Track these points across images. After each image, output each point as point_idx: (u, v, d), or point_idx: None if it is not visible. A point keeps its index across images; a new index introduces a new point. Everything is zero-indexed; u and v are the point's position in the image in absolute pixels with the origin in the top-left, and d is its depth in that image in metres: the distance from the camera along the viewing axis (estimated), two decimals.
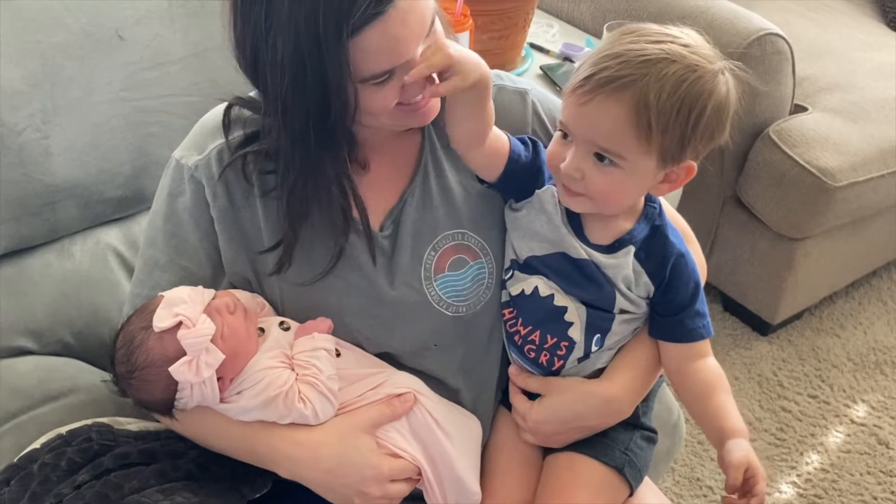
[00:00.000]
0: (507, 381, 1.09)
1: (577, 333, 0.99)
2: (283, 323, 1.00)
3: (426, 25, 0.88)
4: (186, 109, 1.28)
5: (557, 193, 0.96)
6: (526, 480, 1.06)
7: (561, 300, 0.98)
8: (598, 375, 1.03)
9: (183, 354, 0.91)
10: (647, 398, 1.08)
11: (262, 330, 0.99)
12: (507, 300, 1.04)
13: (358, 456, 0.95)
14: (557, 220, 0.97)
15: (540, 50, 1.90)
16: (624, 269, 0.96)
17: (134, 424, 1.07)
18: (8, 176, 1.16)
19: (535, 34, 1.92)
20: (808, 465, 1.91)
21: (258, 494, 0.99)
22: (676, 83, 0.85)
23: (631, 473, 1.04)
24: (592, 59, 0.89)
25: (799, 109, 1.99)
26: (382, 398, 0.99)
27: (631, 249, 0.96)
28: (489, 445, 1.09)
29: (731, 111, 0.91)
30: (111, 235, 1.30)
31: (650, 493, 1.12)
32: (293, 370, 0.96)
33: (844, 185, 1.87)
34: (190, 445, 1.02)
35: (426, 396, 1.01)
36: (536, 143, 0.99)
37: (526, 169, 0.97)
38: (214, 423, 0.97)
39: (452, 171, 1.03)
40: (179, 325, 0.92)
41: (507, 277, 1.03)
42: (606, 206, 0.93)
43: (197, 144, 1.01)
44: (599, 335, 0.99)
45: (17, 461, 0.99)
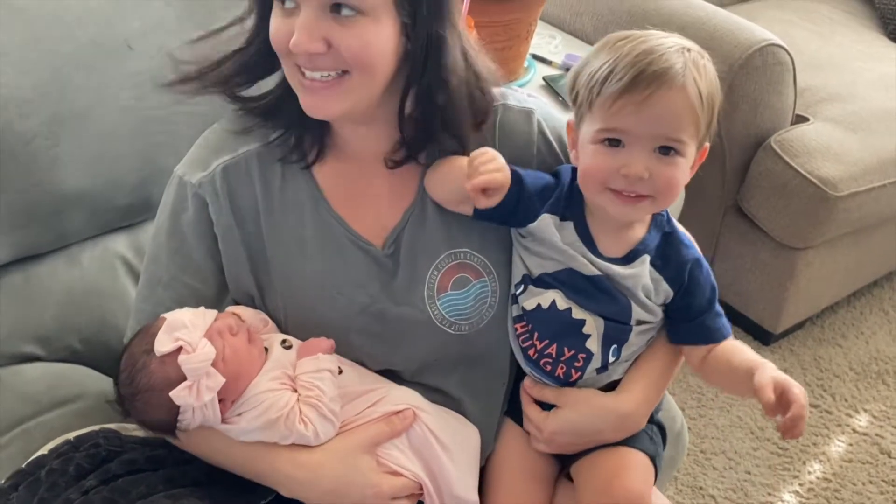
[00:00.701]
0: (512, 392, 1.09)
1: (594, 345, 0.99)
2: (285, 341, 1.01)
3: None
4: (193, 119, 1.28)
5: (608, 207, 0.94)
6: (532, 494, 1.06)
7: (579, 313, 0.98)
8: (612, 387, 1.03)
9: (184, 378, 0.92)
10: None
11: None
12: (519, 314, 1.03)
13: (359, 476, 0.95)
14: (561, 244, 0.97)
15: (542, 61, 1.91)
16: (642, 278, 0.97)
17: (141, 430, 1.07)
18: (17, 184, 1.17)
19: (537, 45, 1.93)
20: (810, 474, 1.91)
21: (264, 501, 0.99)
22: (704, 66, 0.92)
23: (657, 462, 1.05)
24: (619, 63, 0.89)
25: (800, 120, 2.00)
26: (381, 416, 0.99)
27: (646, 259, 0.97)
28: (495, 458, 1.09)
29: None
30: (119, 243, 1.31)
31: (657, 498, 1.12)
32: (295, 391, 0.96)
33: (845, 194, 1.87)
34: None
35: (424, 411, 1.01)
36: (520, 176, 0.98)
37: (505, 205, 0.96)
38: (216, 442, 0.98)
39: None
40: (180, 349, 0.92)
41: (518, 292, 1.02)
42: (668, 199, 0.94)
43: (200, 161, 1.01)
44: (616, 346, 1.00)
45: (25, 467, 1.00)
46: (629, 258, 0.97)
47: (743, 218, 2.04)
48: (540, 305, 1.00)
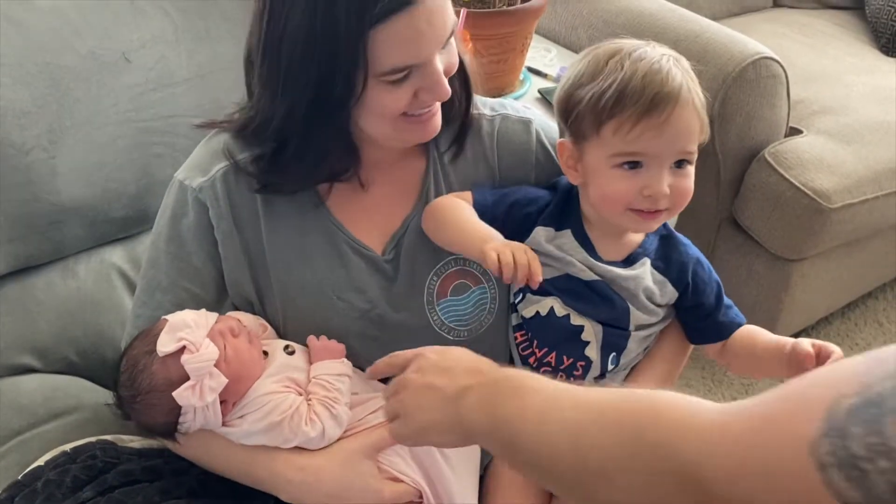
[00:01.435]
0: None
1: (593, 353, 1.00)
2: (287, 347, 1.01)
3: (447, 32, 0.89)
4: (191, 130, 1.28)
5: (630, 226, 0.96)
6: (530, 501, 1.06)
7: (577, 319, 0.99)
8: None
9: (186, 379, 0.92)
10: None
11: (265, 353, 1.00)
12: (518, 323, 1.04)
13: (359, 481, 0.95)
14: (557, 251, 0.98)
15: (538, 74, 1.92)
16: (643, 280, 0.98)
17: (137, 442, 1.07)
18: (15, 195, 1.17)
19: (532, 58, 1.94)
20: None
21: None
22: (690, 71, 0.94)
23: None
24: (628, 87, 0.90)
25: (794, 132, 2.01)
26: (382, 422, 0.99)
27: (646, 261, 0.99)
28: (494, 467, 1.08)
29: None
30: (115, 255, 1.32)
31: None
32: (300, 394, 0.97)
33: (839, 206, 1.88)
34: (193, 463, 1.02)
35: None
36: (511, 203, 0.99)
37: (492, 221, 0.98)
38: (216, 446, 0.98)
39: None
40: (183, 349, 0.92)
41: (517, 301, 1.03)
42: (682, 208, 0.96)
43: (201, 166, 1.02)
44: (615, 353, 1.00)
45: (21, 478, 1.00)
46: (629, 261, 0.99)
47: (738, 230, 2.05)
48: (538, 313, 1.01)
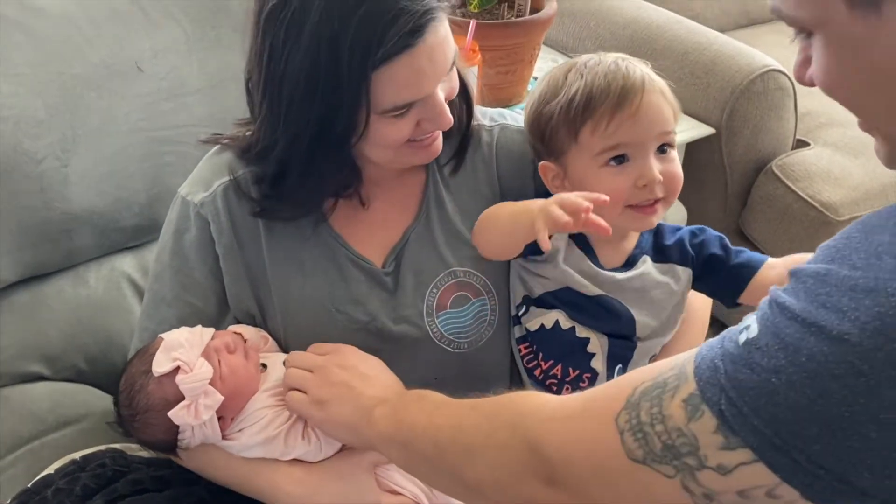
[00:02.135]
0: None
1: (599, 364, 1.00)
2: (286, 360, 1.01)
3: (448, 64, 0.91)
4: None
5: (630, 224, 0.97)
6: None
7: (582, 332, 0.99)
8: None
9: (182, 398, 0.92)
10: None
11: (264, 366, 1.00)
12: (522, 335, 1.04)
13: (358, 494, 0.96)
14: (562, 264, 0.98)
15: None
16: (650, 276, 0.99)
17: (146, 451, 1.07)
18: (28, 203, 1.18)
19: (541, 69, 1.94)
20: None
21: None
22: (648, 67, 0.97)
23: None
24: (593, 87, 0.94)
25: (801, 144, 2.01)
26: None
27: (646, 259, 1.00)
28: None
29: None
30: (125, 263, 1.32)
31: None
32: None
33: (847, 219, 1.88)
34: None
35: None
36: None
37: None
38: (217, 458, 0.98)
39: (455, 209, 1.05)
40: (178, 369, 0.93)
41: (521, 313, 1.03)
42: (675, 195, 0.97)
43: (203, 181, 1.03)
44: (622, 366, 1.00)
45: (31, 486, 1.00)
46: (630, 263, 1.00)
47: (745, 241, 2.04)
48: (543, 326, 1.01)
